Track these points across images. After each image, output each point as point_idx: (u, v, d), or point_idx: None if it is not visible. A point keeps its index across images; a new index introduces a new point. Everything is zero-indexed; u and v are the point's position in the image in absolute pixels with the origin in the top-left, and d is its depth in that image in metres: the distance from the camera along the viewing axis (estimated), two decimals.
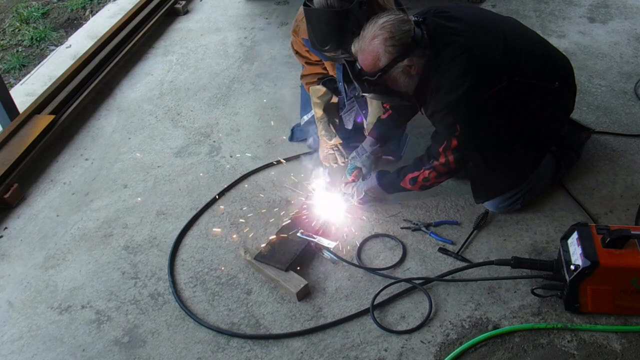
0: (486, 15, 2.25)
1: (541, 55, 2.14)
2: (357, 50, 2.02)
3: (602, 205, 2.35)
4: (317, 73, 2.54)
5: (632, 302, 1.89)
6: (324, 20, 2.14)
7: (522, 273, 2.06)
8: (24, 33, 4.33)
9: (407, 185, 2.21)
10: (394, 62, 1.96)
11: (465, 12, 2.16)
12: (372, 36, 1.95)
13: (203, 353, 1.94)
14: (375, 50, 1.96)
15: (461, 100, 1.97)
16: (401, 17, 1.97)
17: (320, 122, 2.54)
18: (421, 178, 2.17)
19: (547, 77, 2.12)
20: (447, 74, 1.99)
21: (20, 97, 3.35)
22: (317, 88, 2.52)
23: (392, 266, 2.17)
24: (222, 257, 2.28)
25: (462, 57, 1.97)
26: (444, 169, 2.12)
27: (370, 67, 1.99)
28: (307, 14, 2.17)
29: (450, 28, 2.02)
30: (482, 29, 2.08)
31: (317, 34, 2.20)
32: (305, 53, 2.53)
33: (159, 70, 3.57)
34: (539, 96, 2.12)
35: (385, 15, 1.99)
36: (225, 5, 4.28)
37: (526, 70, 2.05)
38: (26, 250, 2.41)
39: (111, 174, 2.77)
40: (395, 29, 1.93)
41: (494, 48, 2.02)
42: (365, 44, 1.97)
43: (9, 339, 2.05)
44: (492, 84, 2.00)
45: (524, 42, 2.12)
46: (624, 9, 3.75)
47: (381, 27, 1.94)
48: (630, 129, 2.73)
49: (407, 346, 1.90)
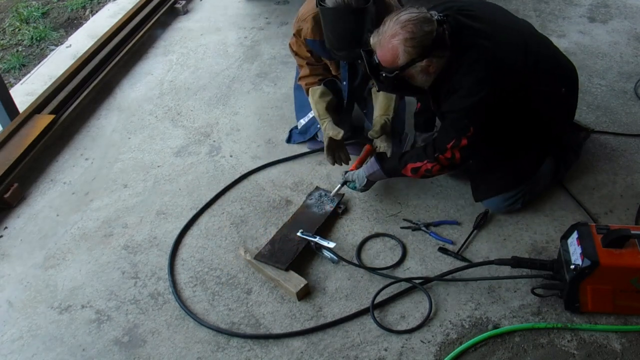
0: (508, 17, 2.21)
1: (553, 61, 2.13)
2: (375, 43, 1.98)
3: (602, 205, 2.35)
4: (319, 74, 2.52)
5: (632, 301, 1.89)
6: (342, 19, 2.12)
7: (522, 273, 2.06)
8: (24, 33, 4.32)
9: (408, 173, 2.21)
10: (413, 62, 1.93)
11: (487, 11, 2.12)
12: (393, 34, 1.90)
13: (203, 353, 1.94)
14: (394, 48, 1.92)
15: (478, 105, 1.97)
16: (424, 15, 1.90)
17: (324, 121, 2.49)
18: (424, 169, 2.16)
19: (556, 83, 2.12)
20: (467, 77, 1.96)
21: (20, 97, 3.35)
22: (319, 89, 2.51)
23: (392, 266, 2.17)
24: (222, 257, 2.28)
25: (484, 61, 1.95)
26: (448, 162, 2.12)
27: (388, 63, 1.96)
28: (323, 13, 2.15)
29: (475, 29, 1.98)
30: (505, 33, 2.05)
31: (335, 33, 2.19)
32: (306, 54, 2.52)
33: (159, 69, 3.57)
34: (546, 101, 2.12)
35: (407, 11, 1.92)
36: (225, 5, 4.28)
37: (540, 77, 2.05)
38: (26, 250, 2.41)
39: (111, 173, 2.77)
40: (417, 29, 1.88)
41: (515, 54, 2.00)
42: (385, 40, 1.93)
43: (9, 338, 2.05)
44: (509, 92, 1.99)
45: (541, 48, 2.11)
46: (624, 9, 3.75)
47: (403, 26, 1.88)
48: (630, 128, 2.73)
49: (407, 346, 1.90)
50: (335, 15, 2.13)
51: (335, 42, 2.24)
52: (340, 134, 2.40)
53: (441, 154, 2.10)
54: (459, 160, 2.10)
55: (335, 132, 2.41)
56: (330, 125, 2.45)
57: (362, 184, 2.33)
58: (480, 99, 1.96)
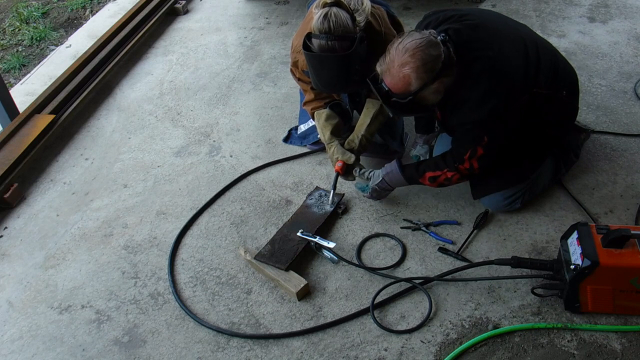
0: (507, 23, 2.22)
1: (552, 64, 2.14)
2: (383, 71, 1.98)
3: (602, 205, 2.35)
4: (324, 97, 2.50)
5: (632, 301, 1.89)
6: (327, 65, 2.12)
7: (522, 273, 2.06)
8: (24, 33, 4.33)
9: (426, 181, 2.23)
10: (425, 86, 1.94)
11: (487, 18, 2.14)
12: (403, 63, 1.90)
13: (203, 353, 1.94)
14: (406, 77, 1.92)
15: (488, 116, 1.99)
16: (428, 40, 1.91)
17: (331, 145, 2.44)
18: (443, 178, 2.18)
19: (557, 86, 2.14)
20: (474, 89, 1.99)
21: (20, 97, 3.35)
22: (324, 112, 2.47)
23: (392, 266, 2.17)
24: (222, 257, 2.28)
25: (489, 72, 1.97)
26: (467, 172, 2.15)
27: (400, 90, 1.97)
28: (307, 58, 2.15)
29: (477, 40, 2.00)
30: (507, 40, 2.06)
31: (320, 79, 2.20)
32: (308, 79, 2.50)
33: (159, 70, 3.57)
34: (548, 104, 2.14)
35: (410, 37, 1.92)
36: (225, 5, 4.28)
37: (541, 81, 2.07)
38: (26, 250, 2.41)
39: (111, 173, 2.77)
40: (426, 55, 1.89)
41: (517, 60, 2.02)
42: (395, 70, 1.93)
43: (9, 338, 2.05)
44: (516, 99, 2.01)
45: (540, 53, 2.12)
46: (624, 9, 3.75)
47: (412, 54, 1.88)
48: (630, 128, 2.73)
49: (407, 346, 1.90)
50: (319, 61, 2.14)
51: (321, 86, 2.26)
52: (352, 158, 2.38)
53: (460, 164, 2.13)
54: (477, 170, 2.13)
55: (347, 157, 2.39)
56: (340, 150, 2.41)
57: (376, 182, 2.32)
58: (490, 110, 1.98)
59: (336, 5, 2.10)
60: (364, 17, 2.15)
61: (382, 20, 2.30)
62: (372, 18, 2.24)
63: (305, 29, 2.21)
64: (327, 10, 2.07)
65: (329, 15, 2.06)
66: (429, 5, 3.98)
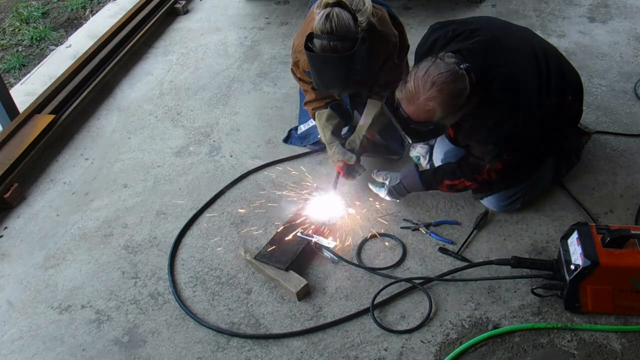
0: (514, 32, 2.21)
1: (559, 71, 2.14)
2: (403, 99, 1.94)
3: (602, 205, 2.35)
4: (325, 97, 2.49)
5: (632, 301, 1.89)
6: (329, 65, 2.12)
7: (522, 273, 2.06)
8: (24, 33, 4.33)
9: (444, 188, 2.26)
10: (448, 115, 1.93)
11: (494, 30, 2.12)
12: (429, 97, 1.85)
13: (203, 353, 1.94)
14: (432, 110, 1.89)
15: (508, 136, 2.00)
16: (454, 72, 1.85)
17: (331, 145, 2.44)
18: (461, 186, 2.22)
19: (564, 92, 2.13)
20: (492, 111, 1.99)
21: (20, 97, 3.35)
22: (325, 112, 2.47)
23: (392, 266, 2.17)
24: (222, 257, 2.28)
25: (506, 92, 1.97)
26: (485, 182, 2.18)
27: (422, 119, 1.95)
28: (309, 58, 2.14)
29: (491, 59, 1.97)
30: (518, 53, 2.05)
31: (322, 79, 2.20)
32: (309, 79, 2.50)
33: (159, 70, 3.57)
34: (554, 110, 2.12)
35: (436, 67, 1.85)
36: (225, 5, 4.28)
37: (552, 91, 2.06)
38: (26, 250, 2.41)
39: (111, 173, 2.77)
40: (454, 89, 1.85)
41: (531, 75, 2.03)
42: (420, 102, 1.88)
43: (9, 338, 2.05)
44: (533, 115, 2.01)
45: (549, 61, 2.11)
46: (624, 9, 3.75)
47: (439, 90, 1.83)
48: (630, 128, 2.73)
49: (407, 346, 1.90)
50: (321, 61, 2.13)
51: (322, 85, 2.25)
52: (353, 158, 2.38)
53: (479, 175, 2.15)
54: (495, 180, 2.15)
55: (347, 157, 2.39)
56: (341, 150, 2.41)
57: (393, 184, 2.32)
58: (509, 130, 1.99)
59: (338, 6, 2.10)
60: (366, 17, 2.14)
61: (383, 20, 2.30)
62: (374, 18, 2.24)
63: (307, 28, 2.21)
64: (329, 10, 2.07)
65: (331, 15, 2.05)
66: (429, 5, 3.98)
